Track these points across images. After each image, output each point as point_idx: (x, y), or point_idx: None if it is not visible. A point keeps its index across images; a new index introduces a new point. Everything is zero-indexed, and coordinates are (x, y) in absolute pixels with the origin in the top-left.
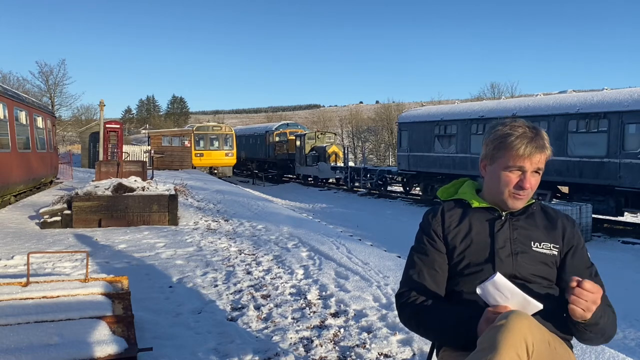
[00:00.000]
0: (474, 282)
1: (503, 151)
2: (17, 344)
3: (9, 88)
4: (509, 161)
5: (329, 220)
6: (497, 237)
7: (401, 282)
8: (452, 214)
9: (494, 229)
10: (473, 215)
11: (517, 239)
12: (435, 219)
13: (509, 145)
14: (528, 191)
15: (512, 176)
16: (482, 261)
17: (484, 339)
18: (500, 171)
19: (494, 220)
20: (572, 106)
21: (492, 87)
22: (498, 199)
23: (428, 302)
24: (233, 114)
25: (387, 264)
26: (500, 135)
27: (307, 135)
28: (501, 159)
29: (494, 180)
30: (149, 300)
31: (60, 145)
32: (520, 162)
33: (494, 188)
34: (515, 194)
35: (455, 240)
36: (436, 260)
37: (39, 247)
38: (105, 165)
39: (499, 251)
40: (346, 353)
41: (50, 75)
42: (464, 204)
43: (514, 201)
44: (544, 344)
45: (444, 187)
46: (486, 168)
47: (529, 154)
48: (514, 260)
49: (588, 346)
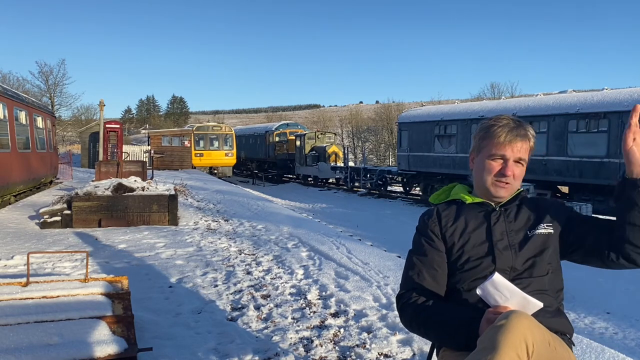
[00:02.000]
0: (474, 277)
1: (487, 140)
2: (17, 344)
3: (9, 88)
4: (492, 149)
5: (329, 220)
6: (494, 230)
7: (401, 284)
8: (448, 213)
9: (490, 222)
10: (468, 211)
11: (512, 230)
12: (432, 219)
13: (492, 134)
14: (510, 179)
15: (494, 164)
16: (481, 255)
17: (484, 339)
18: (484, 160)
19: (488, 214)
20: (572, 106)
21: (492, 87)
22: (484, 189)
23: (429, 302)
24: (233, 114)
25: (387, 264)
26: (485, 127)
27: (307, 135)
28: (485, 148)
29: (479, 170)
30: (149, 300)
31: (60, 145)
32: (502, 149)
33: (479, 178)
34: (498, 181)
35: (454, 237)
36: (435, 260)
37: (39, 247)
38: (105, 165)
39: (497, 244)
40: (346, 353)
41: (50, 75)
42: (457, 203)
43: (496, 189)
44: (544, 344)
45: (435, 194)
46: (474, 160)
47: (510, 141)
48: (513, 252)
49: (588, 346)
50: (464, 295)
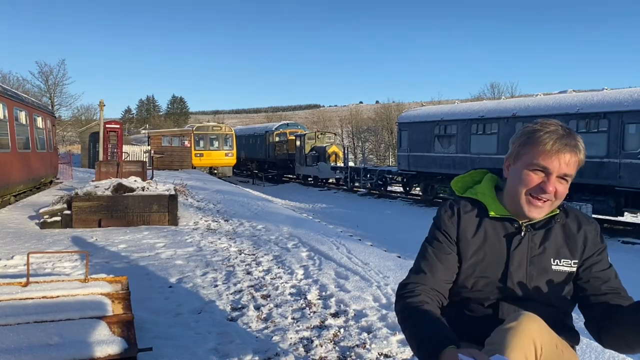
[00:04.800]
0: (478, 299)
1: (529, 147)
2: (17, 344)
3: (9, 88)
4: (534, 158)
5: (329, 220)
6: (513, 255)
7: (411, 270)
8: (467, 219)
9: (510, 245)
10: (490, 224)
11: (534, 255)
12: (451, 220)
13: (536, 140)
14: (550, 196)
15: (534, 177)
16: (492, 279)
17: (492, 341)
18: (522, 169)
19: (512, 235)
20: (572, 106)
21: (492, 87)
22: (516, 204)
23: (422, 305)
24: (233, 114)
25: (387, 264)
26: (529, 131)
27: (307, 135)
28: (525, 156)
29: (514, 181)
30: (149, 300)
31: (60, 145)
32: (546, 160)
33: (513, 190)
34: (535, 198)
35: (467, 252)
36: (448, 260)
37: (38, 247)
38: (105, 165)
39: (512, 273)
40: (346, 353)
41: (50, 75)
42: (481, 208)
43: (530, 208)
44: (552, 347)
45: (459, 177)
46: (509, 168)
47: (557, 150)
48: (528, 283)
49: (588, 346)
50: (464, 309)
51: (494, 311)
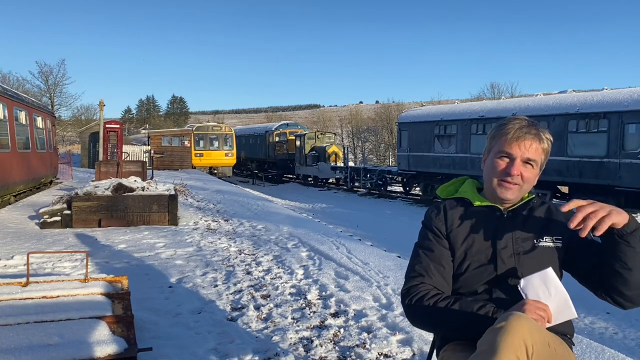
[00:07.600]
0: (475, 282)
1: (497, 139)
2: (17, 344)
3: (9, 88)
4: (501, 147)
5: (329, 220)
6: (499, 237)
7: (407, 277)
8: (454, 213)
9: (496, 228)
10: (474, 214)
11: (519, 237)
12: (439, 217)
13: (502, 131)
14: (517, 179)
15: (500, 162)
16: (484, 262)
17: (484, 341)
18: (493, 159)
19: (495, 219)
20: (572, 106)
21: (492, 87)
22: (492, 190)
23: (441, 295)
24: (233, 114)
25: (387, 264)
26: (497, 126)
27: (307, 135)
28: (494, 147)
29: (487, 170)
30: (149, 300)
31: (60, 145)
32: (509, 147)
33: (487, 178)
34: (503, 180)
35: (457, 241)
36: (443, 257)
37: (38, 247)
38: (105, 165)
39: (500, 252)
40: (346, 353)
41: (50, 75)
42: (465, 203)
43: (501, 190)
44: (543, 345)
45: (444, 186)
46: (485, 162)
47: (518, 137)
48: (517, 261)
49: (588, 346)
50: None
51: (488, 293)
